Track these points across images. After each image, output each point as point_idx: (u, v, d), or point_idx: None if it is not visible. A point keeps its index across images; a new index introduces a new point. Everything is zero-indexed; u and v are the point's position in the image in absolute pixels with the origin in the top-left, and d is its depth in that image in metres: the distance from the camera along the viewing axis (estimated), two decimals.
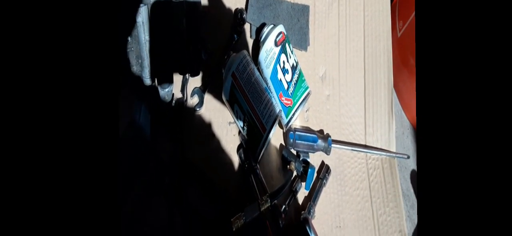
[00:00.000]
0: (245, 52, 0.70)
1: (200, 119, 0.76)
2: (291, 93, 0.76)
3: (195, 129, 0.74)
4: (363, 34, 0.98)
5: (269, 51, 0.73)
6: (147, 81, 0.68)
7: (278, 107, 0.70)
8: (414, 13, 1.20)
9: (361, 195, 0.88)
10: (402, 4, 1.30)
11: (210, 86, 0.77)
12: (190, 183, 0.68)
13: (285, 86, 0.75)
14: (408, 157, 1.03)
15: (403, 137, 1.27)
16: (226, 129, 0.76)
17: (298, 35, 0.86)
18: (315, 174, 0.81)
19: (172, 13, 0.68)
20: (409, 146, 1.27)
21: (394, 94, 1.34)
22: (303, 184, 0.77)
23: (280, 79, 0.74)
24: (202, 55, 0.71)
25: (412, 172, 1.22)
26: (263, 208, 0.63)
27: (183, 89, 0.72)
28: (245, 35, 0.82)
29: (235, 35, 0.78)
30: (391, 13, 1.03)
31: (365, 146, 0.93)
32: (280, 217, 0.64)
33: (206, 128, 0.75)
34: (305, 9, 0.88)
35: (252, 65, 0.70)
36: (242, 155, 0.72)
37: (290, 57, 0.76)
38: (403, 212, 0.92)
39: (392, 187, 0.94)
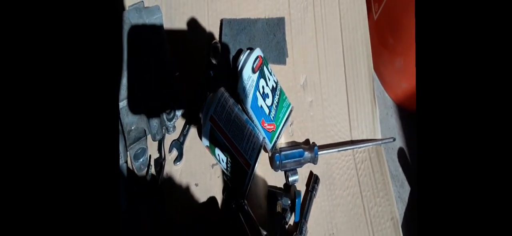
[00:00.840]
0: (222, 89, 0.68)
1: (182, 172, 0.75)
2: (273, 117, 0.75)
3: (178, 183, 0.74)
4: (340, 29, 0.96)
5: (247, 80, 0.71)
6: (119, 160, 0.65)
7: (260, 137, 0.69)
8: None
9: (351, 193, 0.89)
10: None
11: (188, 130, 0.76)
12: None
13: (267, 111, 0.74)
14: (394, 140, 1.04)
15: (387, 117, 1.28)
16: (209, 173, 0.76)
17: (275, 51, 0.84)
18: (304, 188, 0.82)
19: (143, 78, 0.63)
20: (394, 125, 1.28)
21: (375, 77, 1.34)
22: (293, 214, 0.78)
23: (261, 106, 0.73)
24: (176, 113, 0.69)
25: (399, 150, 1.25)
26: None
27: (160, 148, 0.70)
28: (222, 65, 0.80)
29: (211, 72, 0.75)
30: None
31: (352, 142, 0.94)
32: None
33: (189, 179, 0.75)
34: (280, 22, 0.85)
35: (231, 101, 0.68)
36: (228, 196, 0.72)
37: (269, 80, 0.75)
38: (393, 198, 0.94)
39: (380, 176, 0.95)
